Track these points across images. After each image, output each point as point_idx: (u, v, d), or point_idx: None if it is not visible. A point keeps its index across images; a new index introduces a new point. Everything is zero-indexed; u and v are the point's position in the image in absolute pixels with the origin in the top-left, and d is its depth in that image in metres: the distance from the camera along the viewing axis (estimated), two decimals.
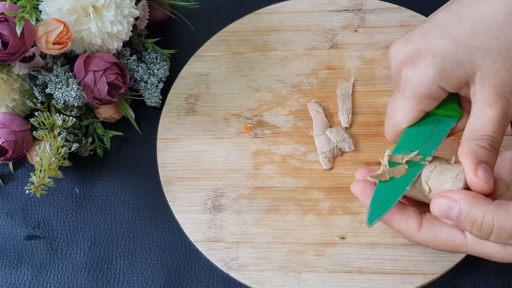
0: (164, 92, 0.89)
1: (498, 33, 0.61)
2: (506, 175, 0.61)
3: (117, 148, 0.89)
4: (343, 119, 0.84)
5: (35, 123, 0.81)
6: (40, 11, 0.78)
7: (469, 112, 0.63)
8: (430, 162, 0.62)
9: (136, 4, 0.85)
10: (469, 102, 0.64)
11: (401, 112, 0.66)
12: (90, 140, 0.87)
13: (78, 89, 0.78)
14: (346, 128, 0.84)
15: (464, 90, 0.63)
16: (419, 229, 0.62)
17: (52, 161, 0.77)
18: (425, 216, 0.62)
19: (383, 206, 0.61)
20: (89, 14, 0.79)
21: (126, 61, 0.87)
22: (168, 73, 0.90)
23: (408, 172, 0.62)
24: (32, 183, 0.76)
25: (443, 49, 0.62)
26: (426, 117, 0.67)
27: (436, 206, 0.57)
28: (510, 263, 0.59)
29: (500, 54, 0.60)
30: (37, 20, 0.75)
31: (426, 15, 0.88)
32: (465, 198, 0.56)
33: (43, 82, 0.80)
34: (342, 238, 0.77)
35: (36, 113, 0.81)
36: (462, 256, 0.74)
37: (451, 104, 0.67)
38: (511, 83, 0.59)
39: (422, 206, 0.64)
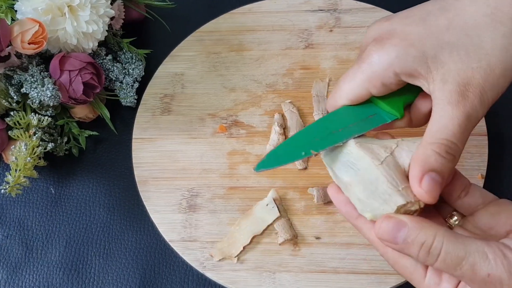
0: (139, 92, 0.90)
1: (472, 31, 0.58)
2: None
3: (93, 147, 0.89)
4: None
5: (10, 123, 0.80)
6: (16, 11, 0.77)
7: (412, 116, 0.64)
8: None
9: (111, 4, 0.84)
10: (419, 108, 0.63)
11: (348, 83, 0.62)
12: (66, 140, 0.87)
13: (53, 88, 0.78)
14: None
15: (420, 82, 0.59)
16: None
17: (28, 160, 0.77)
18: None
19: (277, 160, 0.62)
20: (65, 13, 0.79)
21: (101, 61, 0.87)
22: (143, 73, 0.90)
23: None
24: (8, 183, 0.76)
25: (414, 35, 0.59)
26: (367, 105, 0.64)
27: (384, 225, 0.54)
28: None
29: (468, 52, 0.57)
30: (12, 19, 0.75)
31: None
32: (414, 221, 0.53)
33: (19, 81, 0.80)
34: (317, 238, 0.78)
35: (12, 113, 0.81)
36: None
37: (397, 102, 0.64)
38: (475, 83, 0.56)
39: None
